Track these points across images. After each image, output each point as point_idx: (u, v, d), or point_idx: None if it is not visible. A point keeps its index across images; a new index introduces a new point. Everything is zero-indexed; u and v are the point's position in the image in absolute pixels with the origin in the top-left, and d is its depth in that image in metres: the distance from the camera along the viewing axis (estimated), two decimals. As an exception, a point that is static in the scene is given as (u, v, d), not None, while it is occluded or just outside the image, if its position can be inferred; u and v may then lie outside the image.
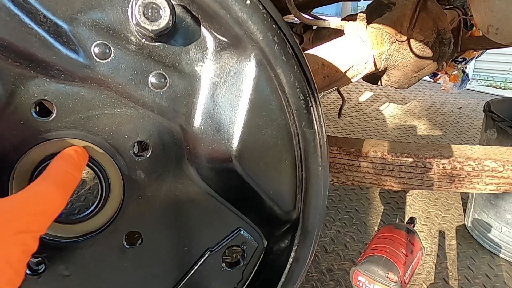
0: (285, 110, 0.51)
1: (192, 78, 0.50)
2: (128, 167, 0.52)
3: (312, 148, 0.53)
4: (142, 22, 0.44)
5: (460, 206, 2.23)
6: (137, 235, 0.56)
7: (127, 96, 0.49)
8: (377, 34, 1.22)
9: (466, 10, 1.63)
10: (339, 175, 0.98)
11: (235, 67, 0.50)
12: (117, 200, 0.54)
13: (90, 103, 0.49)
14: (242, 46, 0.48)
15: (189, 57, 0.49)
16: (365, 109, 3.86)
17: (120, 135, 0.51)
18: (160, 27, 0.44)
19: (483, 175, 0.86)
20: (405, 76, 1.38)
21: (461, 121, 3.58)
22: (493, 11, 0.99)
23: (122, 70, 0.48)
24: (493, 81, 5.14)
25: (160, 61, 0.49)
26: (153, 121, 0.51)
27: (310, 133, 0.52)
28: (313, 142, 0.52)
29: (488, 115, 1.78)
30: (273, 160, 0.53)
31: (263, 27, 0.47)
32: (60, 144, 0.50)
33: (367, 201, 2.29)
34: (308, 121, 0.51)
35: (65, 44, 0.46)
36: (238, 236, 0.60)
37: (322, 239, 1.94)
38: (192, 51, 0.49)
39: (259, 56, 0.48)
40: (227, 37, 0.49)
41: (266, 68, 0.49)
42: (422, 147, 0.93)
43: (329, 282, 1.66)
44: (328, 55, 1.09)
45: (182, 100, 0.50)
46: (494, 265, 1.77)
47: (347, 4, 5.39)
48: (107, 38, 0.47)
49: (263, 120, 0.51)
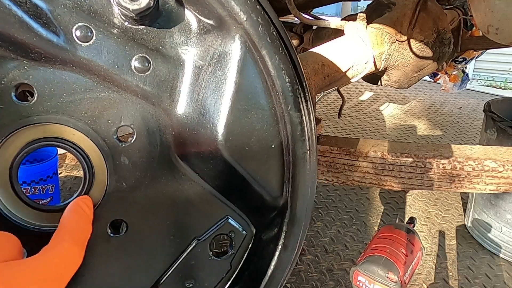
0: (270, 93, 0.50)
1: (176, 62, 0.50)
2: (112, 153, 0.51)
3: (299, 132, 0.52)
4: (123, 1, 0.43)
5: (460, 206, 2.23)
6: (122, 223, 0.55)
7: (110, 80, 0.48)
8: (377, 34, 1.22)
9: (466, 10, 1.63)
10: (339, 175, 0.98)
11: (220, 49, 0.49)
12: (101, 187, 0.53)
13: (72, 87, 0.48)
14: (226, 28, 0.48)
15: (172, 41, 0.49)
16: (365, 109, 3.86)
17: (103, 120, 0.50)
18: (141, 6, 0.43)
19: (483, 175, 0.86)
20: (405, 76, 1.38)
21: (461, 121, 3.58)
22: (493, 11, 0.99)
23: (105, 54, 0.47)
24: (493, 81, 5.14)
25: (143, 44, 0.48)
26: (137, 106, 0.50)
27: (296, 116, 0.51)
28: (300, 126, 0.52)
29: (488, 115, 1.78)
30: (260, 144, 0.53)
31: (247, 7, 0.46)
32: (41, 129, 0.49)
33: (367, 201, 2.29)
34: (294, 104, 0.50)
35: (45, 26, 0.45)
36: (226, 224, 0.59)
37: (322, 239, 1.94)
38: (175, 35, 0.49)
39: (243, 38, 0.48)
40: (210, 19, 0.48)
41: (251, 50, 0.48)
42: (422, 147, 0.93)
43: (329, 282, 1.66)
44: (328, 55, 1.09)
45: (166, 84, 0.50)
46: (494, 265, 1.77)
47: (347, 4, 5.39)
48: (88, 20, 0.46)
49: (248, 103, 0.50)
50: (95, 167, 0.52)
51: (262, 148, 0.53)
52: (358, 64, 1.15)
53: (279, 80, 0.49)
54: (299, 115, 0.51)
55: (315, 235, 1.97)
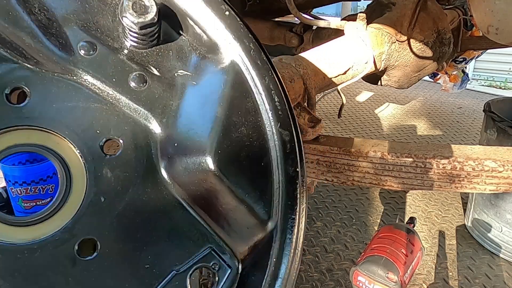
0: (260, 111, 0.51)
1: (171, 82, 0.51)
2: (95, 163, 0.50)
3: (289, 150, 0.52)
4: (129, 15, 0.45)
5: (460, 206, 2.22)
6: (92, 244, 0.49)
7: (105, 92, 0.49)
8: (377, 34, 1.22)
9: (466, 10, 1.63)
10: (339, 175, 0.98)
11: (213, 71, 0.51)
12: (77, 199, 0.50)
13: (66, 95, 0.49)
14: (219, 53, 0.51)
15: (169, 64, 0.51)
16: (365, 109, 3.86)
17: (92, 130, 0.50)
18: (146, 20, 0.45)
19: (483, 175, 0.86)
20: (405, 76, 1.38)
21: (461, 121, 3.58)
22: (493, 11, 0.99)
23: (104, 67, 0.48)
24: (493, 81, 5.14)
25: (142, 64, 0.50)
26: (128, 120, 0.50)
27: (286, 134, 0.52)
28: (290, 144, 0.52)
29: (488, 115, 1.78)
30: (249, 159, 0.52)
31: (240, 34, 0.50)
32: (26, 134, 0.48)
33: (367, 201, 2.29)
34: (283, 122, 0.51)
35: (51, 37, 0.46)
36: (209, 255, 0.53)
37: (322, 239, 1.94)
38: (172, 59, 0.51)
39: (236, 61, 0.50)
40: (206, 46, 0.51)
41: (242, 72, 0.50)
42: (422, 147, 0.93)
43: (329, 282, 1.66)
44: (328, 55, 1.09)
45: (159, 102, 0.51)
46: (494, 265, 1.77)
47: (347, 4, 5.39)
48: (94, 37, 0.48)
49: (238, 119, 0.51)
50: (74, 177, 0.50)
51: (250, 163, 0.53)
52: (358, 64, 1.15)
53: (268, 99, 0.51)
54: (288, 133, 0.52)
55: (315, 235, 1.97)
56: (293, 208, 0.53)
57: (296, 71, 0.95)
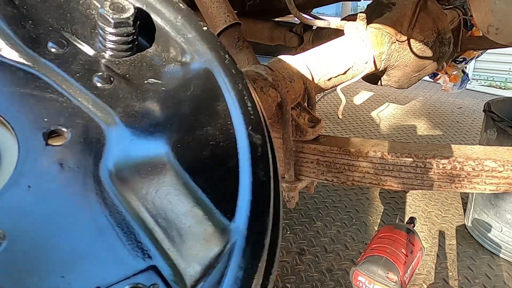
0: (230, 114, 0.51)
1: (139, 87, 0.52)
2: (31, 150, 0.46)
3: (260, 153, 0.51)
4: (106, 11, 0.46)
5: (460, 206, 2.23)
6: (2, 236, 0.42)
7: (66, 85, 0.49)
8: (377, 34, 1.22)
9: (466, 10, 1.64)
10: (339, 175, 0.98)
11: (185, 78, 0.52)
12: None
13: (21, 81, 0.48)
14: (195, 62, 0.52)
15: (141, 73, 0.52)
16: (365, 109, 3.86)
17: (40, 118, 0.48)
18: (121, 17, 0.46)
19: (483, 175, 0.86)
20: (405, 76, 1.38)
21: (461, 121, 3.58)
22: (493, 11, 0.99)
23: (71, 64, 0.49)
24: (493, 81, 5.14)
25: (111, 68, 0.51)
26: (83, 114, 0.49)
27: (257, 138, 0.51)
28: (261, 147, 0.51)
29: (488, 115, 1.78)
30: (213, 159, 0.49)
31: (216, 47, 0.52)
32: None
33: (367, 201, 2.29)
34: (255, 125, 0.51)
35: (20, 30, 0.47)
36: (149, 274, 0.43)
37: (322, 239, 1.94)
38: (145, 69, 0.52)
39: (210, 68, 0.52)
40: (182, 57, 0.52)
41: (215, 78, 0.52)
42: (422, 147, 0.93)
43: (329, 282, 1.66)
44: (328, 55, 1.09)
45: (123, 101, 0.50)
46: (494, 265, 1.77)
47: (347, 4, 5.39)
48: (68, 36, 0.49)
49: (205, 119, 0.50)
50: (4, 161, 0.46)
51: (215, 164, 0.49)
52: (358, 64, 1.15)
53: (241, 103, 0.51)
54: (259, 136, 0.50)
55: (315, 235, 1.97)
56: (263, 217, 0.45)
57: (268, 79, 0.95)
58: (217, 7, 1.20)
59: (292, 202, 1.05)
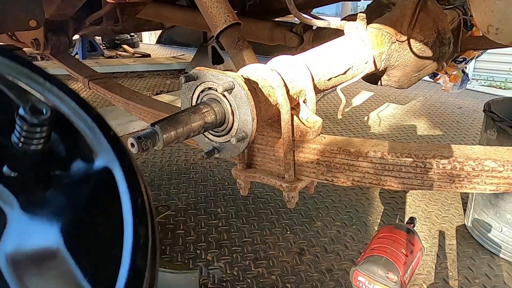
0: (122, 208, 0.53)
1: (44, 178, 0.55)
2: None
3: (142, 243, 0.54)
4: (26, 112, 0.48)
5: (460, 206, 2.23)
6: None
7: None
8: (377, 34, 1.22)
9: (466, 10, 1.64)
10: (339, 175, 0.98)
11: (87, 173, 0.56)
12: None
13: None
14: (98, 159, 0.56)
15: (47, 167, 0.55)
16: (365, 109, 3.86)
17: None
18: (39, 118, 0.49)
19: (483, 175, 0.86)
20: (405, 76, 1.38)
21: (461, 121, 3.58)
22: (493, 11, 0.99)
23: None
24: (493, 81, 5.14)
25: (20, 158, 0.54)
26: None
27: (142, 230, 0.55)
28: (143, 238, 0.55)
29: (488, 115, 1.78)
30: (100, 246, 0.54)
31: (119, 149, 0.56)
32: None
33: (367, 201, 2.29)
34: (141, 219, 0.55)
35: None
36: None
37: (322, 239, 1.94)
38: (52, 160, 0.56)
39: (110, 167, 0.55)
40: (87, 154, 0.56)
41: (113, 175, 0.55)
42: (422, 147, 0.93)
43: (329, 282, 1.66)
44: (328, 55, 1.09)
45: (27, 191, 0.54)
46: (494, 265, 1.77)
47: (347, 4, 5.39)
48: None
49: (98, 211, 0.55)
50: None
51: (101, 250, 0.54)
52: (358, 64, 1.15)
53: (132, 199, 0.54)
54: (144, 229, 0.54)
55: (315, 235, 1.97)
56: None
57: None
58: (217, 7, 1.20)
59: (292, 202, 1.05)
